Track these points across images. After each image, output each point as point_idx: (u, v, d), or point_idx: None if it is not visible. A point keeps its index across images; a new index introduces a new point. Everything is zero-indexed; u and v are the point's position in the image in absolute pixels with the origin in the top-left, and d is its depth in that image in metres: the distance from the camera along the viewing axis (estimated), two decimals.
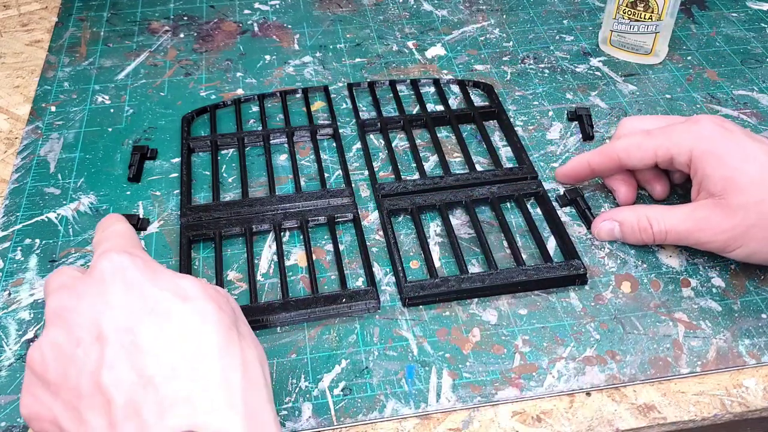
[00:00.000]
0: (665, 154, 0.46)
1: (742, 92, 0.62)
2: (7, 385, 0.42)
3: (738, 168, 0.43)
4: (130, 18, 0.71)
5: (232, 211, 0.50)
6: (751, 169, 0.43)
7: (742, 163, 0.43)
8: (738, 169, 0.43)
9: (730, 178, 0.43)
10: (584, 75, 0.63)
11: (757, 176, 0.43)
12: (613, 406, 0.41)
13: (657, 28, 0.60)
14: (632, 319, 0.45)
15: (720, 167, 0.44)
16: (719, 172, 0.44)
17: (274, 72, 0.64)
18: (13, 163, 0.55)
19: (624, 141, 0.48)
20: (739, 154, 0.43)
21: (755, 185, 0.42)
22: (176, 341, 0.30)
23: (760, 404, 0.41)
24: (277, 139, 0.57)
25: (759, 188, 0.42)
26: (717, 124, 0.45)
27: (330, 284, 0.47)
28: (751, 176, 0.43)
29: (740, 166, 0.43)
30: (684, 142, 0.45)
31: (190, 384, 0.29)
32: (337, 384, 0.41)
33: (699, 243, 0.45)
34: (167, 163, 0.55)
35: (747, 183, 0.42)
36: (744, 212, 0.42)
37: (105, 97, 0.61)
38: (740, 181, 0.43)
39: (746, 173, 0.43)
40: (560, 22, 0.70)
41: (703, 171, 0.44)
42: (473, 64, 0.65)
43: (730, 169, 0.43)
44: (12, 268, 0.48)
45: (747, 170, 0.43)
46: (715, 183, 0.44)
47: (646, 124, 0.49)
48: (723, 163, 0.44)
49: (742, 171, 0.43)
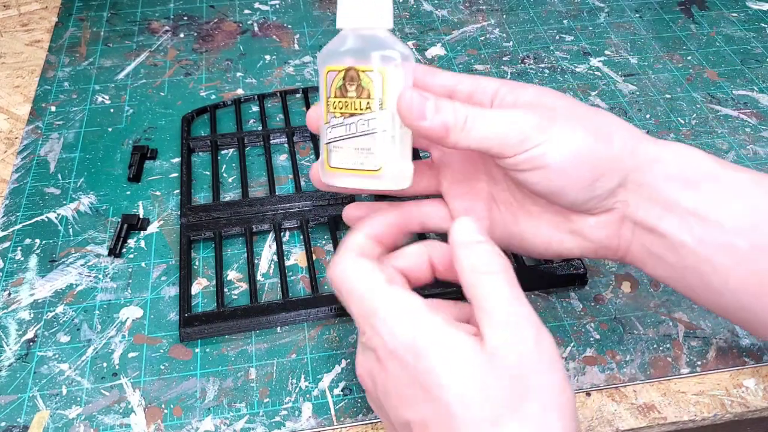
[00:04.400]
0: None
1: (742, 92, 0.62)
2: (7, 385, 0.42)
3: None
4: (130, 18, 0.71)
5: (232, 211, 0.50)
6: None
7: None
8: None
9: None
10: (584, 75, 0.63)
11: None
12: (613, 406, 0.41)
13: (380, 123, 0.37)
14: (632, 319, 0.45)
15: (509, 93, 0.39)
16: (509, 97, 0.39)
17: (274, 72, 0.64)
18: (13, 163, 0.55)
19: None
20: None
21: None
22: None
23: (760, 404, 0.41)
24: (277, 139, 0.57)
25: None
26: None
27: (330, 284, 0.47)
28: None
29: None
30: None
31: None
32: (337, 384, 0.41)
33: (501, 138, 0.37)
34: (167, 163, 0.55)
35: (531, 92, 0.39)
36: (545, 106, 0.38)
37: (105, 97, 0.61)
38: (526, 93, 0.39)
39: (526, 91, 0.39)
40: (560, 22, 0.70)
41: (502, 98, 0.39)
42: (473, 64, 0.65)
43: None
44: (12, 268, 0.48)
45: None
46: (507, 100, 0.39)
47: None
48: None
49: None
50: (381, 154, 0.37)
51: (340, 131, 0.38)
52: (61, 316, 0.45)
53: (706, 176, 0.36)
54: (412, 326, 0.32)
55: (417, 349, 0.31)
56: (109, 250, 0.48)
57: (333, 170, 0.39)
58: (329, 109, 0.38)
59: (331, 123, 0.38)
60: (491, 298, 0.32)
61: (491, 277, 0.33)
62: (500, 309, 0.32)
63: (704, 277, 0.36)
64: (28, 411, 0.40)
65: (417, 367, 0.31)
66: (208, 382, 0.42)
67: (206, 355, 0.43)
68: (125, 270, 0.48)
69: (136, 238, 0.50)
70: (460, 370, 0.30)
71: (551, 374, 0.31)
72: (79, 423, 0.40)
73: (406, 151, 0.39)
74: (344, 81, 0.37)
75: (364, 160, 0.38)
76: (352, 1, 0.37)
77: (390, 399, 0.32)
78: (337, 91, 0.37)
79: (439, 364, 0.30)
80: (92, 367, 0.42)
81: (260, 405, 0.41)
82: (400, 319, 0.32)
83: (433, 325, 0.32)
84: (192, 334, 0.43)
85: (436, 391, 0.30)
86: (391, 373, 0.32)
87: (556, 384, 0.30)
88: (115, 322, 0.45)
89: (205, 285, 0.47)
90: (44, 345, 0.43)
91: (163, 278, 0.47)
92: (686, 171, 0.37)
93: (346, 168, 0.38)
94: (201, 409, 0.40)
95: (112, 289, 0.46)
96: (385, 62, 0.36)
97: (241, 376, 0.42)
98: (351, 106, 0.37)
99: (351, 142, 0.38)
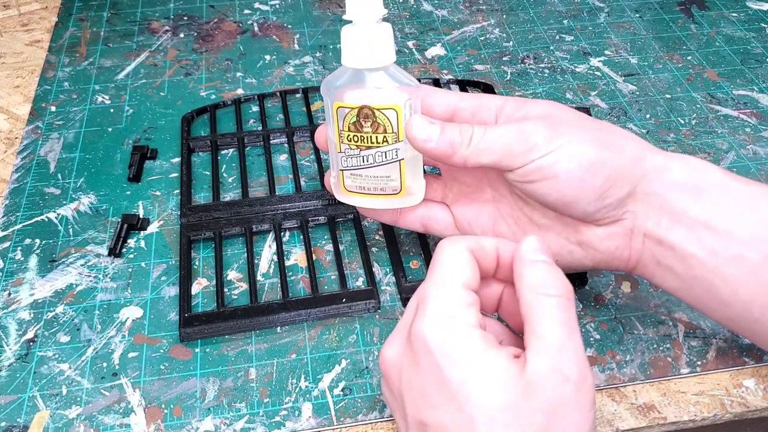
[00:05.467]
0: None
1: (742, 92, 0.62)
2: (7, 385, 0.42)
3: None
4: (130, 18, 0.71)
5: (232, 211, 0.50)
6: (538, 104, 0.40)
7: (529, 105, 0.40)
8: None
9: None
10: (584, 75, 0.63)
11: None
12: (613, 406, 0.41)
13: (398, 153, 0.40)
14: (632, 319, 0.45)
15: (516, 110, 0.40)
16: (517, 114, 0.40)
17: (274, 72, 0.64)
18: (13, 163, 0.55)
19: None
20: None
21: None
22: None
23: (760, 404, 0.41)
24: (277, 139, 0.57)
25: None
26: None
27: (330, 284, 0.47)
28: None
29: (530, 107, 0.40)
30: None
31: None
32: (337, 384, 0.41)
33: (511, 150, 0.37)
34: (167, 163, 0.55)
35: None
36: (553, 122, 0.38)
37: (105, 97, 0.61)
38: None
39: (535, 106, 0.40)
40: (560, 22, 0.70)
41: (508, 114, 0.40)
42: (473, 64, 0.65)
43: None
44: (12, 268, 0.48)
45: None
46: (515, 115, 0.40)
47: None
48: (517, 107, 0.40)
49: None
50: (399, 180, 0.41)
51: (356, 161, 0.41)
52: (61, 316, 0.45)
53: (714, 186, 0.36)
54: (455, 334, 0.31)
55: (454, 358, 0.31)
56: (109, 250, 0.48)
57: (350, 193, 0.42)
58: (342, 140, 0.40)
59: (345, 153, 0.41)
60: (545, 322, 0.31)
61: (550, 300, 0.32)
62: (551, 337, 0.31)
63: (714, 288, 0.36)
64: (28, 411, 0.40)
65: (451, 376, 0.30)
66: (208, 382, 0.42)
67: (206, 355, 0.43)
68: (125, 270, 0.48)
69: (136, 238, 0.50)
70: (493, 389, 0.30)
71: (582, 415, 0.30)
72: (79, 423, 0.40)
73: (418, 171, 0.42)
74: (358, 118, 0.39)
75: (384, 186, 0.41)
76: (357, 42, 0.39)
77: (413, 394, 0.32)
78: (351, 126, 0.40)
79: (472, 378, 0.30)
80: (92, 367, 0.42)
81: (260, 405, 0.41)
82: (445, 322, 0.32)
83: (475, 339, 0.31)
84: (192, 334, 0.43)
85: (463, 402, 0.30)
86: (423, 371, 0.32)
87: (585, 428, 0.30)
88: (115, 322, 0.45)
89: (205, 285, 0.47)
90: (44, 345, 0.43)
91: (163, 278, 0.47)
92: (694, 180, 0.37)
93: (364, 193, 0.42)
94: (201, 409, 0.40)
95: (112, 289, 0.46)
96: (397, 99, 0.39)
97: (241, 376, 0.42)
98: (367, 140, 0.40)
99: (369, 171, 0.41)
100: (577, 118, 0.38)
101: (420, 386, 0.32)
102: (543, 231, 0.40)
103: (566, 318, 0.31)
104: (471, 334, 0.31)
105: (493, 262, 0.35)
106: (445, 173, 0.44)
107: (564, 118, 0.38)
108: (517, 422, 0.29)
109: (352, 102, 0.39)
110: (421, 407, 0.32)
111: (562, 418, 0.30)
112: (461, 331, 0.31)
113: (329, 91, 0.40)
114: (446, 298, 0.32)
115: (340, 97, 0.39)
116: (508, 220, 0.42)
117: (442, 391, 0.31)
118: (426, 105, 0.41)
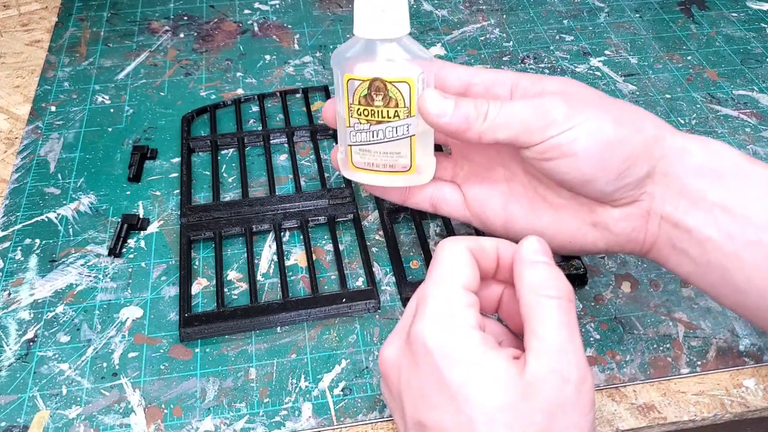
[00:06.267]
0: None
1: (742, 92, 0.62)
2: (7, 385, 0.42)
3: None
4: (130, 18, 0.71)
5: (232, 211, 0.50)
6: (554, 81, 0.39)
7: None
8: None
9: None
10: (584, 75, 0.63)
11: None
12: (613, 406, 0.41)
13: (409, 129, 0.38)
14: (632, 319, 0.45)
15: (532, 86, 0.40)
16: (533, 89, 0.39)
17: (274, 72, 0.64)
18: (13, 163, 0.55)
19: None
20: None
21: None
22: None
23: (760, 404, 0.41)
24: (277, 139, 0.57)
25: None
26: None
27: (330, 284, 0.47)
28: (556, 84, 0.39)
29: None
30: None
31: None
32: (337, 384, 0.41)
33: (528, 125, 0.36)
34: (167, 163, 0.55)
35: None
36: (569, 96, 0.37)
37: (105, 97, 0.61)
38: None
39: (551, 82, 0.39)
40: (560, 22, 0.70)
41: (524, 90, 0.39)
42: (473, 64, 0.65)
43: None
44: (12, 268, 0.48)
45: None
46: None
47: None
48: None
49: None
50: (409, 156, 0.39)
51: (365, 136, 0.39)
52: (61, 316, 0.45)
53: (733, 170, 0.36)
54: (454, 335, 0.31)
55: (454, 358, 0.31)
56: (109, 250, 0.48)
57: (358, 170, 0.40)
58: (352, 114, 0.38)
59: (355, 128, 0.39)
60: (545, 324, 0.31)
61: (550, 301, 0.31)
62: (551, 339, 0.31)
63: (729, 273, 0.35)
64: (28, 411, 0.40)
65: (450, 376, 0.30)
66: (208, 382, 0.42)
67: (206, 355, 0.43)
68: (125, 270, 0.48)
69: (136, 238, 0.50)
70: (492, 389, 0.30)
71: (582, 416, 0.30)
72: (79, 423, 0.40)
73: (429, 148, 0.40)
74: (370, 91, 0.37)
75: (393, 162, 0.39)
76: (370, 11, 0.36)
77: (412, 395, 0.32)
78: (361, 99, 0.38)
79: (471, 379, 0.30)
80: (92, 367, 0.42)
81: (260, 405, 0.41)
82: (444, 322, 0.32)
83: (475, 340, 0.31)
84: (192, 334, 0.43)
85: (462, 403, 0.30)
86: (422, 371, 0.31)
87: (585, 428, 0.30)
88: (115, 322, 0.45)
89: (205, 285, 0.47)
90: (44, 345, 0.43)
91: (163, 278, 0.47)
92: (713, 163, 0.36)
93: (372, 169, 0.40)
94: (201, 409, 0.40)
95: (112, 289, 0.46)
96: (411, 72, 0.37)
97: (241, 376, 0.42)
98: (378, 114, 0.38)
99: (379, 147, 0.39)
100: (595, 96, 0.38)
101: (419, 387, 0.32)
102: (557, 211, 0.39)
103: (566, 319, 0.31)
104: (470, 334, 0.31)
105: (493, 262, 0.35)
106: (455, 152, 0.43)
107: (582, 95, 0.37)
108: (516, 423, 0.29)
109: (363, 74, 0.37)
110: (420, 408, 0.31)
111: (562, 418, 0.30)
112: (461, 332, 0.31)
113: (340, 63, 0.38)
114: (446, 298, 0.32)
115: (351, 69, 0.38)
116: (521, 200, 0.41)
117: (441, 391, 0.31)
118: (439, 79, 0.40)
